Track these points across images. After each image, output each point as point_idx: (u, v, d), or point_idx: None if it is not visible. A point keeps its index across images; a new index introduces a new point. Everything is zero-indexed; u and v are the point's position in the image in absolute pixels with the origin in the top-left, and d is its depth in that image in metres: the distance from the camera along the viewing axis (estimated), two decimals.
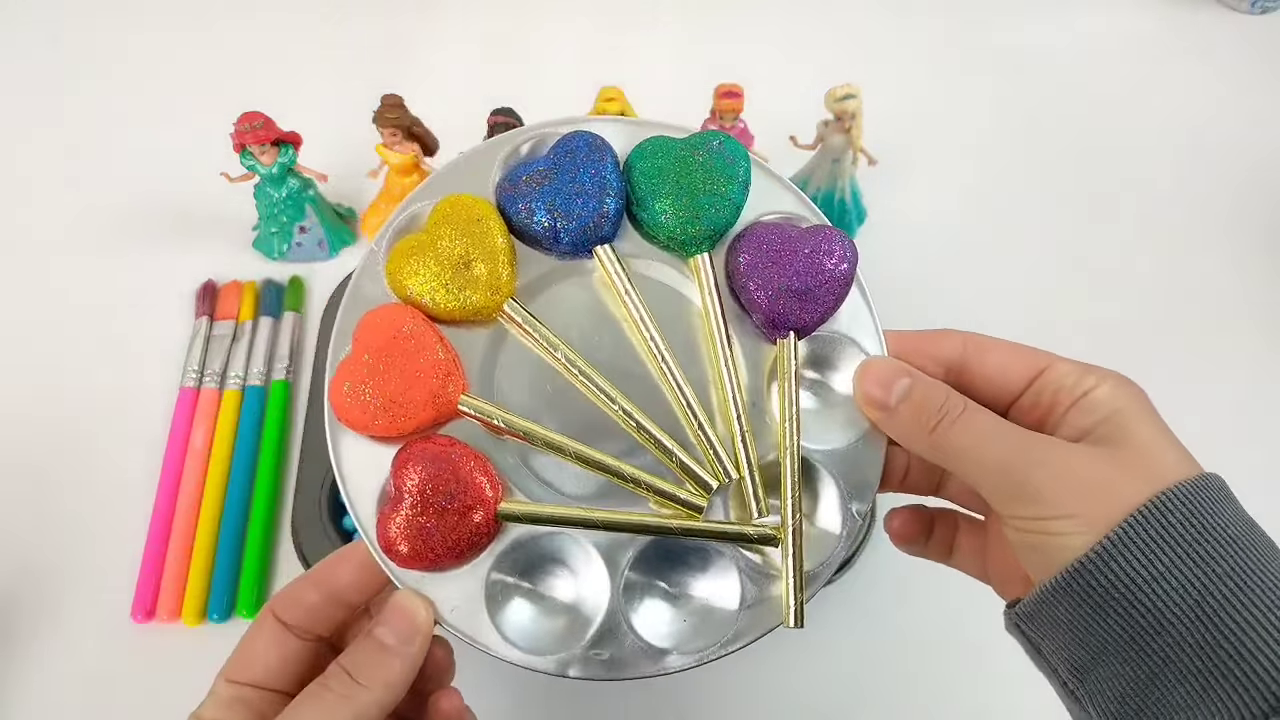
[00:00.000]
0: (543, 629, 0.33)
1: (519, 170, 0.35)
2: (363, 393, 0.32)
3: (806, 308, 0.35)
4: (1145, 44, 0.78)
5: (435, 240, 0.34)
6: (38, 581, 0.53)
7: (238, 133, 0.57)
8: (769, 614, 0.33)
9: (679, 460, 0.33)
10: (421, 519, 0.31)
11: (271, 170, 0.59)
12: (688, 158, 0.35)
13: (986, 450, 0.30)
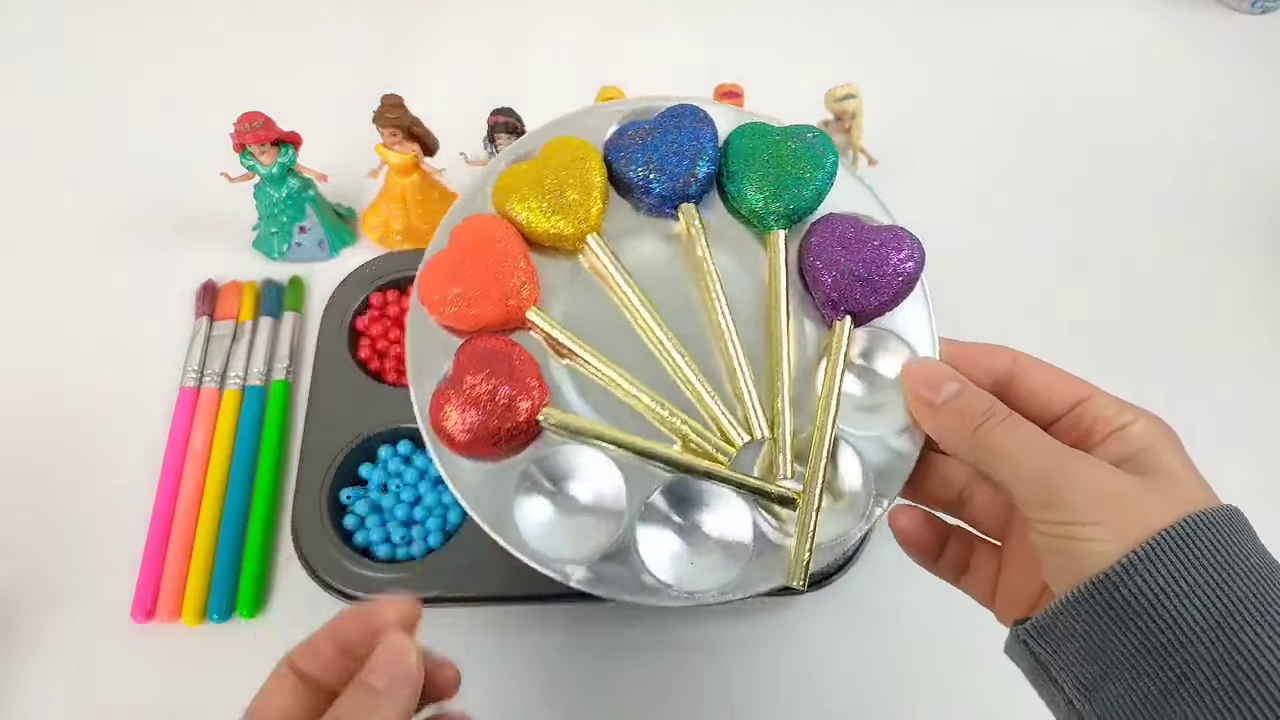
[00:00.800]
0: (558, 536, 0.35)
1: (628, 126, 0.39)
2: (445, 282, 0.36)
3: (867, 294, 0.36)
4: (1145, 44, 0.78)
5: (540, 169, 0.38)
6: (38, 581, 0.53)
7: (238, 133, 0.57)
8: (774, 574, 0.35)
9: (717, 410, 0.36)
10: (471, 402, 0.34)
11: (271, 170, 0.59)
12: (782, 144, 0.38)
13: (1026, 455, 0.31)
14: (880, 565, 0.54)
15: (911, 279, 0.37)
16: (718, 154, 0.39)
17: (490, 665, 0.51)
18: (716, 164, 0.38)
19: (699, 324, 0.37)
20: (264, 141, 0.57)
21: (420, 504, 0.54)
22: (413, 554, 0.52)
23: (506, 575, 0.51)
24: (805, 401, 0.36)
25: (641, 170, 0.38)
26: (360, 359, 0.58)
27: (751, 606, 0.53)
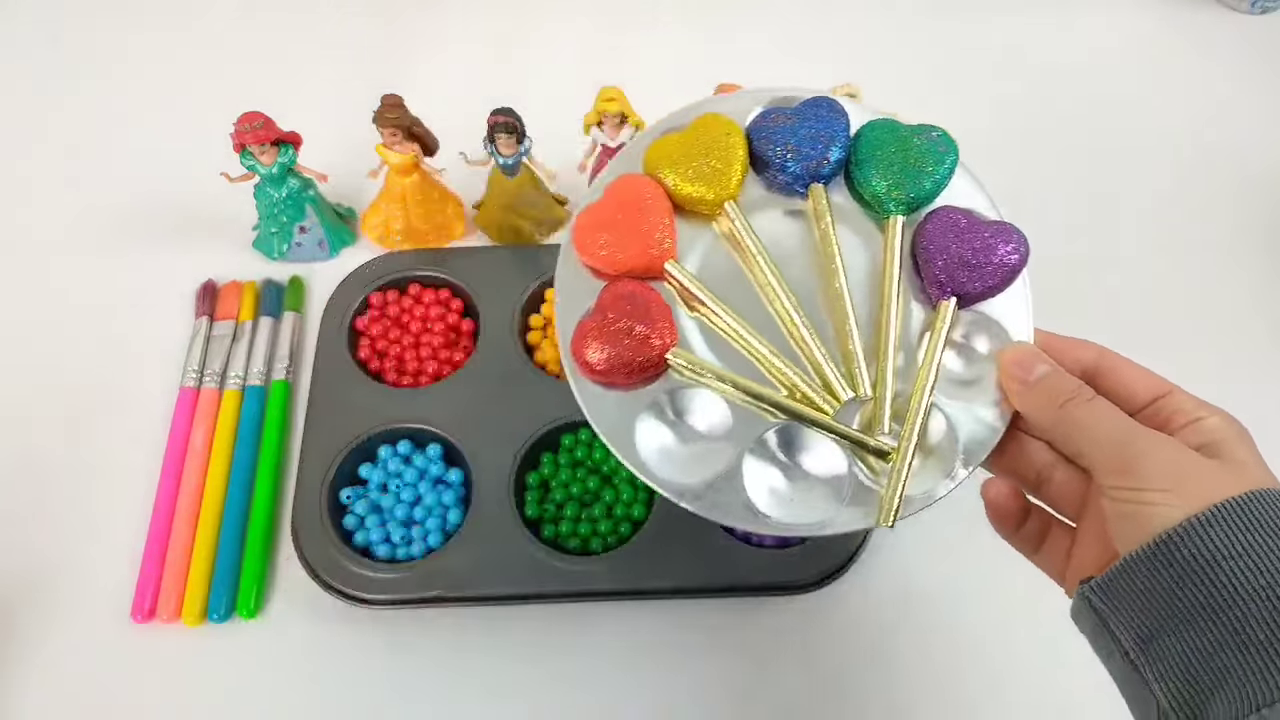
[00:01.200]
0: (673, 461, 0.39)
1: (771, 110, 0.43)
2: (598, 230, 0.40)
3: (973, 280, 0.40)
4: (1145, 44, 0.78)
5: (690, 139, 0.42)
6: (38, 581, 0.53)
7: (238, 133, 0.57)
8: (862, 518, 0.38)
9: (826, 367, 0.39)
10: (610, 335, 0.38)
11: (271, 170, 0.59)
12: (908, 139, 0.42)
13: (1105, 428, 0.35)
14: (880, 565, 0.54)
15: (1015, 270, 0.40)
16: (849, 143, 0.43)
17: (490, 665, 0.51)
18: (847, 151, 0.42)
19: (813, 292, 0.41)
20: (264, 141, 0.57)
21: (420, 504, 0.54)
22: (413, 554, 0.52)
23: (506, 575, 0.51)
24: (905, 370, 0.40)
25: (780, 150, 0.42)
26: (360, 359, 0.59)
27: (752, 606, 0.53)
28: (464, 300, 0.61)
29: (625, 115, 0.58)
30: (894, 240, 0.41)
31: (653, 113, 0.59)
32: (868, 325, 0.40)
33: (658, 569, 0.51)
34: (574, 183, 0.64)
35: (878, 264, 0.41)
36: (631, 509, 0.53)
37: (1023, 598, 0.54)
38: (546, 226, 0.65)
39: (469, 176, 0.61)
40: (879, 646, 0.52)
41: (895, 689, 0.51)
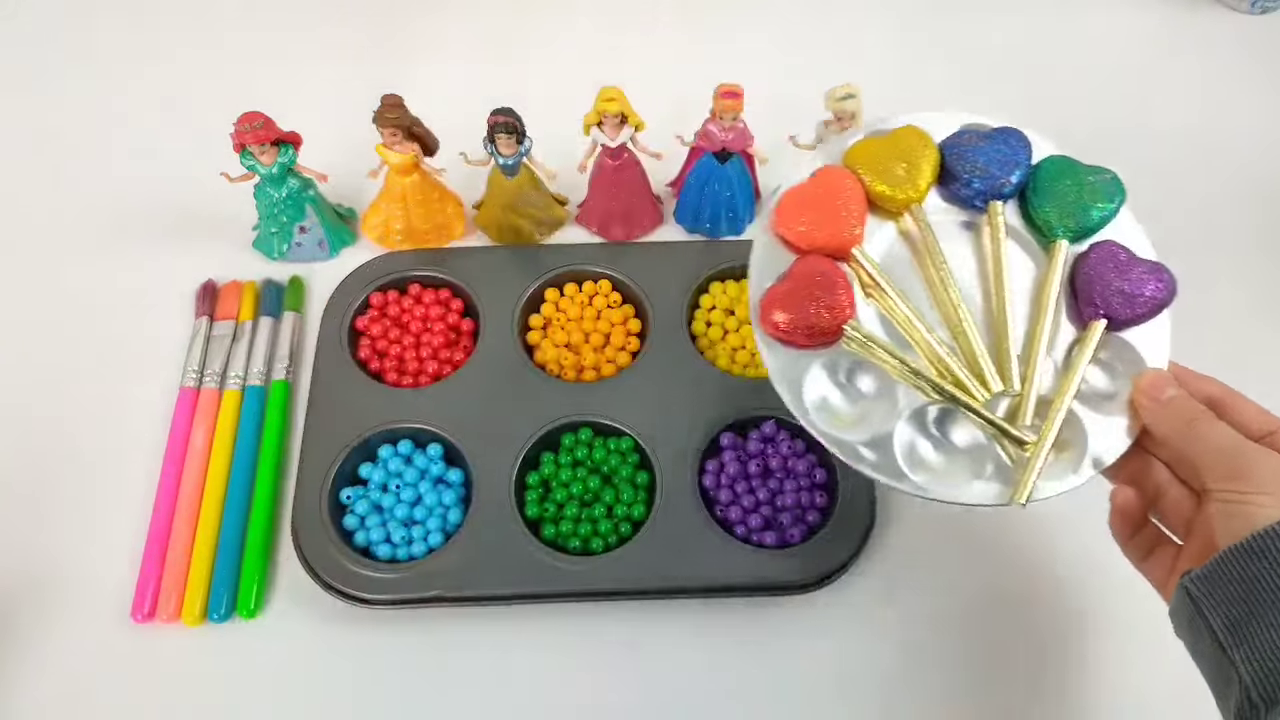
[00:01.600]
0: (840, 418, 0.45)
1: (966, 131, 0.49)
2: (799, 209, 0.46)
3: (1123, 307, 0.45)
4: (1145, 44, 0.78)
5: (889, 145, 0.48)
6: (38, 581, 0.53)
7: (238, 133, 0.57)
8: (996, 495, 0.43)
9: (982, 361, 0.44)
10: (797, 301, 0.44)
11: (271, 170, 0.59)
12: (1083, 176, 0.48)
13: (1222, 442, 0.40)
14: (880, 566, 0.54)
15: (1162, 305, 0.46)
16: (1030, 171, 0.48)
17: (490, 664, 0.51)
18: (1026, 178, 0.48)
19: (974, 294, 0.47)
20: (264, 141, 0.57)
21: (420, 504, 0.54)
22: (413, 554, 0.52)
23: (507, 575, 0.51)
24: (1050, 376, 0.45)
25: (969, 166, 0.48)
26: (360, 359, 0.59)
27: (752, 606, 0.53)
28: (464, 300, 0.61)
29: (625, 115, 0.58)
30: (1058, 261, 0.46)
31: (653, 113, 0.59)
32: (1020, 332, 0.46)
33: (658, 569, 0.51)
34: (574, 183, 0.64)
35: (1036, 280, 0.47)
36: (632, 509, 0.53)
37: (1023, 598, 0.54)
38: (546, 226, 0.65)
39: (469, 176, 0.62)
40: (878, 647, 0.52)
41: (894, 689, 0.51)
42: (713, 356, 0.59)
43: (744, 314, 0.61)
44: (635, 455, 0.55)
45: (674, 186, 0.67)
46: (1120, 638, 0.52)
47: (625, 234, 0.65)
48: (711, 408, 0.56)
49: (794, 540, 0.52)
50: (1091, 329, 0.45)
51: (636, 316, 0.61)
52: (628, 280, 0.61)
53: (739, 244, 0.64)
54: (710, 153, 0.61)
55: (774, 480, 0.54)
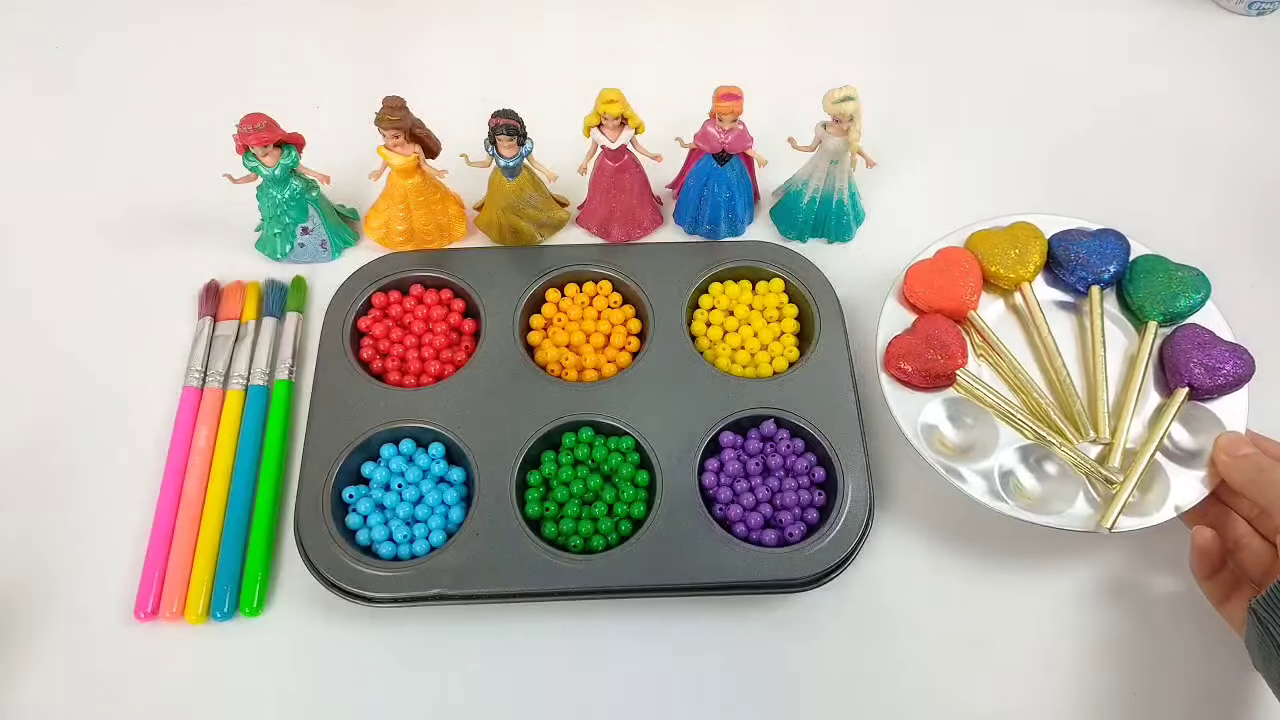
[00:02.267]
0: (949, 447, 0.54)
1: (1074, 229, 0.61)
2: (927, 278, 0.58)
3: (1205, 378, 0.54)
4: (1144, 44, 0.79)
5: (1006, 236, 0.60)
6: (42, 580, 0.53)
7: (240, 134, 0.57)
8: (1084, 523, 0.51)
9: (1078, 411, 0.54)
10: (918, 351, 0.55)
11: (274, 172, 0.59)
12: (1173, 270, 0.58)
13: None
14: (880, 566, 0.54)
15: (1239, 382, 0.54)
16: (1126, 263, 0.59)
17: (491, 662, 0.52)
18: (1123, 269, 0.59)
19: (1072, 361, 0.57)
20: (267, 143, 0.58)
21: (423, 503, 0.54)
22: (415, 552, 0.53)
23: (508, 573, 0.51)
24: (1135, 432, 0.54)
25: (1074, 254, 0.59)
26: (363, 359, 0.59)
27: (752, 604, 0.53)
28: (466, 300, 0.62)
29: (625, 117, 0.58)
30: (1149, 338, 0.56)
31: (653, 115, 0.59)
32: (1113, 394, 0.55)
33: (659, 568, 0.51)
34: (575, 184, 0.64)
35: (1127, 354, 0.58)
36: (632, 508, 0.54)
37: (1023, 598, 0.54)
38: (547, 228, 0.65)
39: (470, 178, 0.62)
40: (878, 644, 0.53)
41: (895, 686, 0.51)
42: (712, 356, 0.59)
43: (743, 314, 0.61)
44: (635, 454, 0.55)
45: (674, 188, 0.67)
46: (1119, 635, 0.53)
47: (625, 235, 0.65)
48: (711, 407, 0.56)
49: (794, 539, 0.52)
50: (1176, 394, 0.54)
51: (637, 317, 0.62)
52: (628, 281, 0.61)
53: (738, 245, 0.64)
54: (709, 154, 0.61)
55: (774, 479, 0.55)
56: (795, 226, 0.66)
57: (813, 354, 0.58)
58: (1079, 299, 0.59)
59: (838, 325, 0.59)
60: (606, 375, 0.59)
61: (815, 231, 0.66)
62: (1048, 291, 0.60)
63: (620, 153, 0.61)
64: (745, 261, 0.62)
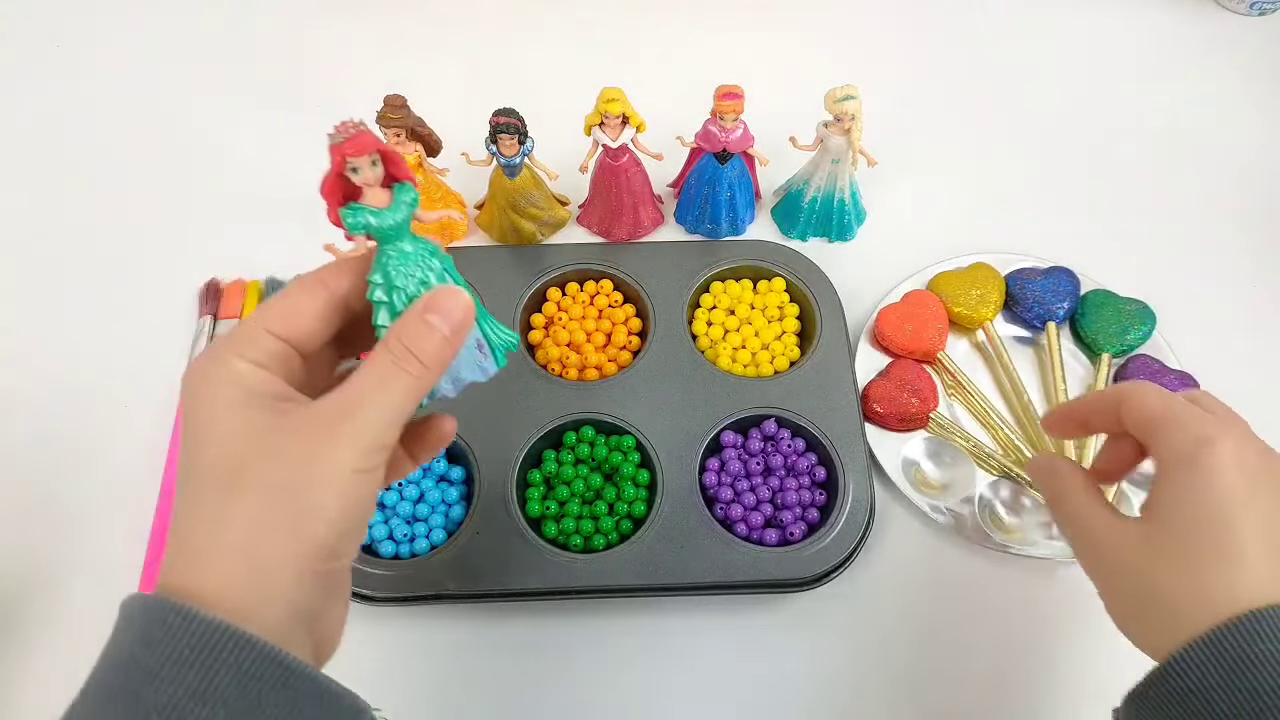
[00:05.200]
0: (931, 485, 0.57)
1: (1026, 269, 0.63)
2: (898, 321, 0.60)
3: None
4: (1145, 44, 0.79)
5: (966, 277, 0.63)
6: (42, 579, 0.53)
7: (343, 146, 0.33)
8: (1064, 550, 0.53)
9: (1048, 445, 0.57)
10: (893, 397, 0.57)
11: (395, 218, 0.34)
12: (1122, 306, 0.61)
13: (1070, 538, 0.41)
14: (880, 565, 0.54)
15: None
16: (1077, 300, 0.62)
17: (491, 660, 0.52)
18: (1075, 305, 0.62)
19: (1032, 391, 0.60)
20: (384, 183, 0.34)
21: (423, 501, 0.54)
22: (416, 551, 0.53)
23: (509, 572, 0.51)
24: None
25: (1030, 293, 0.61)
26: (363, 358, 0.59)
27: (753, 603, 0.53)
28: None
29: (626, 116, 0.58)
30: (1104, 369, 0.60)
31: (654, 114, 0.59)
32: None
33: (660, 567, 0.51)
34: (576, 183, 0.64)
35: (1085, 385, 0.60)
36: (633, 507, 0.54)
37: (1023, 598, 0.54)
38: (548, 227, 0.65)
39: (471, 177, 0.62)
40: (879, 643, 0.53)
41: (896, 685, 0.51)
42: (713, 356, 0.59)
43: (744, 314, 0.61)
44: (637, 453, 0.55)
45: (675, 187, 0.67)
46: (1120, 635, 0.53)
47: (626, 234, 0.65)
48: (712, 406, 0.56)
49: (795, 538, 0.52)
50: None
51: (638, 316, 0.62)
52: (629, 280, 0.61)
53: (740, 244, 0.64)
54: (710, 153, 0.61)
55: (775, 478, 0.55)
56: (796, 226, 0.66)
57: (814, 353, 0.58)
58: (1036, 334, 0.62)
59: (839, 325, 0.59)
60: (608, 374, 0.59)
61: (817, 231, 0.66)
62: (1006, 328, 0.62)
63: (621, 151, 0.61)
64: (746, 261, 0.62)
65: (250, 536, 0.29)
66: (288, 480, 0.29)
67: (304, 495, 0.29)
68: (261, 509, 0.29)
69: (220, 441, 0.30)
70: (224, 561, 0.29)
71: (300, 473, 0.29)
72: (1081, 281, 0.62)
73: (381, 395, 0.31)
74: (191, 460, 0.30)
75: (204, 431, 0.30)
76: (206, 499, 0.30)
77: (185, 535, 0.30)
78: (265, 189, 0.68)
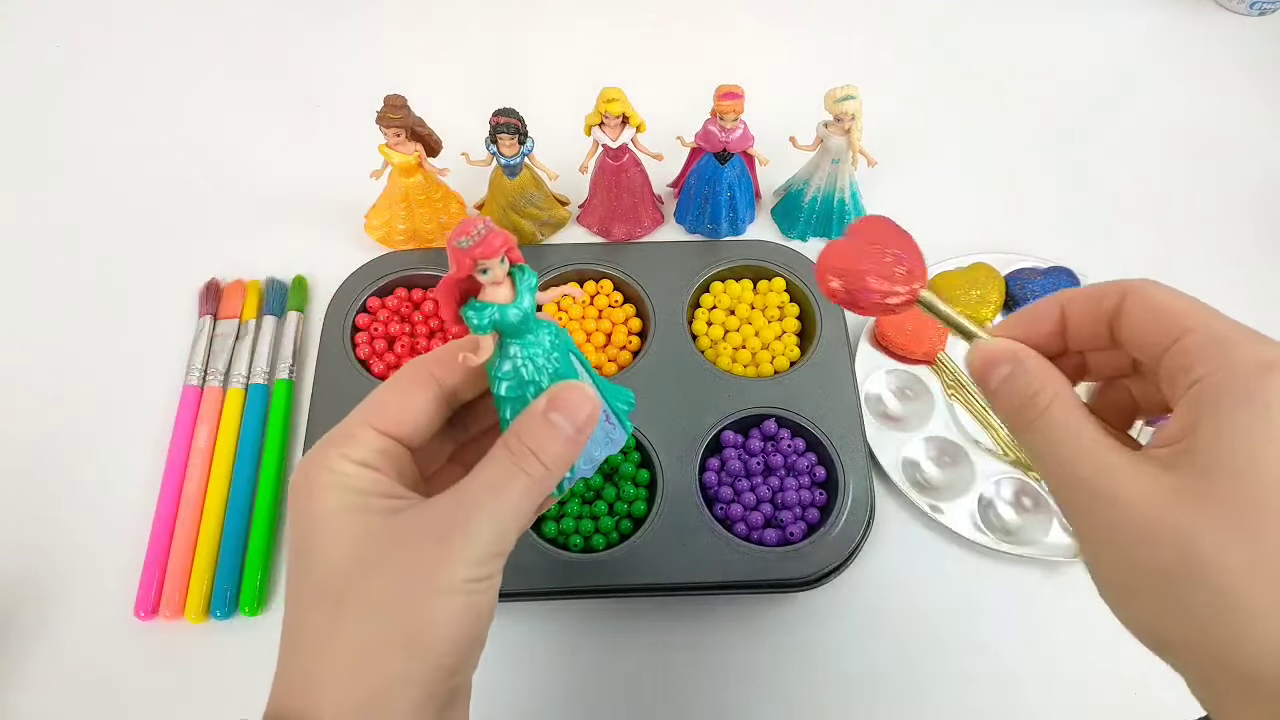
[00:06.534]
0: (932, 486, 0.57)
1: (1027, 268, 0.63)
2: (898, 324, 0.60)
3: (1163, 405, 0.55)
4: (1145, 44, 0.79)
5: (967, 276, 0.62)
6: (41, 579, 0.53)
7: (466, 251, 0.30)
8: (1064, 553, 0.53)
9: None
10: (863, 251, 0.33)
11: (524, 307, 0.32)
12: None
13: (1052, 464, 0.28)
14: (881, 565, 0.54)
15: None
16: None
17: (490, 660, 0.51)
18: None
19: None
20: (496, 253, 0.30)
21: None
22: None
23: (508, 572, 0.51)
24: None
25: (1030, 293, 0.61)
26: (363, 358, 0.59)
27: (751, 605, 0.53)
28: None
29: (626, 116, 0.58)
30: None
31: (654, 113, 0.59)
32: None
33: (660, 566, 0.51)
34: (576, 183, 0.64)
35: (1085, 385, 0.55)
36: (633, 506, 0.53)
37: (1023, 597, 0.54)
38: (548, 227, 0.65)
39: (471, 177, 0.62)
40: (878, 643, 0.52)
41: (896, 685, 0.51)
42: (713, 356, 0.59)
43: (744, 313, 0.61)
44: (637, 453, 0.55)
45: (675, 187, 0.67)
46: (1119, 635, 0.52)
47: (626, 234, 0.65)
48: (712, 406, 0.56)
49: (795, 538, 0.52)
50: None
51: (638, 316, 0.62)
52: (629, 280, 0.61)
53: (739, 244, 0.64)
54: (711, 153, 0.61)
55: (775, 478, 0.55)
56: (796, 226, 0.66)
57: (814, 353, 0.58)
58: None
59: (839, 324, 0.59)
60: (608, 374, 0.59)
61: (817, 231, 0.66)
62: None
63: (621, 151, 0.61)
64: (746, 260, 0.62)
65: (362, 656, 0.27)
66: (399, 594, 0.27)
67: (416, 610, 0.27)
68: (372, 626, 0.27)
69: (329, 551, 0.28)
70: (335, 684, 0.27)
71: (411, 586, 0.28)
72: (1081, 281, 0.62)
73: (497, 500, 0.29)
74: (299, 571, 0.29)
75: (311, 540, 0.29)
76: (315, 614, 0.28)
77: (294, 653, 0.28)
78: (265, 189, 0.68)
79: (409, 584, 0.28)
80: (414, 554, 0.28)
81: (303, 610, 0.29)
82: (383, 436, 0.30)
